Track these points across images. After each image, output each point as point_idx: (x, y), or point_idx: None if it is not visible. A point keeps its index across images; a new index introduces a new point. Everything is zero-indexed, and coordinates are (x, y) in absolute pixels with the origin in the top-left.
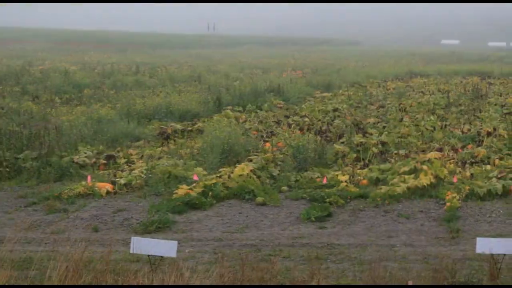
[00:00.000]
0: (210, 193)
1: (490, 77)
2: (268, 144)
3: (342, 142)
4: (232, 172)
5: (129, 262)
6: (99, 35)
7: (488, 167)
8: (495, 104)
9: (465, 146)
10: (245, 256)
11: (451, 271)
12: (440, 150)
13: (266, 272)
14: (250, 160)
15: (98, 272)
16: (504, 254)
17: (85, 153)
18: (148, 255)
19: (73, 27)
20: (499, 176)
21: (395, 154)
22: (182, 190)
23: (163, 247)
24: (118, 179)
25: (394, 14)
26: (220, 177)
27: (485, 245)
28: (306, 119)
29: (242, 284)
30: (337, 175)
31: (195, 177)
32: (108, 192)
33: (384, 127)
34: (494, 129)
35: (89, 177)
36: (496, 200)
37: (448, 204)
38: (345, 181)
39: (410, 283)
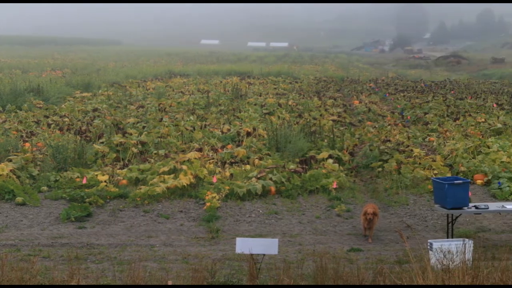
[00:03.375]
0: None
1: (249, 77)
2: (27, 144)
3: (102, 142)
4: None
5: None
6: None
7: (248, 167)
8: (255, 104)
9: (225, 146)
10: (5, 256)
11: (211, 271)
12: (199, 150)
13: (25, 272)
14: (10, 160)
15: None
16: (264, 254)
17: None
18: None
19: None
20: (258, 176)
21: (155, 154)
22: None
23: None
24: None
25: (153, 14)
26: None
27: (244, 245)
28: (66, 119)
29: (1, 285)
30: (96, 175)
31: None
32: None
33: (143, 127)
34: (254, 129)
35: None
36: (256, 200)
37: (207, 204)
38: (105, 181)
39: (170, 283)
